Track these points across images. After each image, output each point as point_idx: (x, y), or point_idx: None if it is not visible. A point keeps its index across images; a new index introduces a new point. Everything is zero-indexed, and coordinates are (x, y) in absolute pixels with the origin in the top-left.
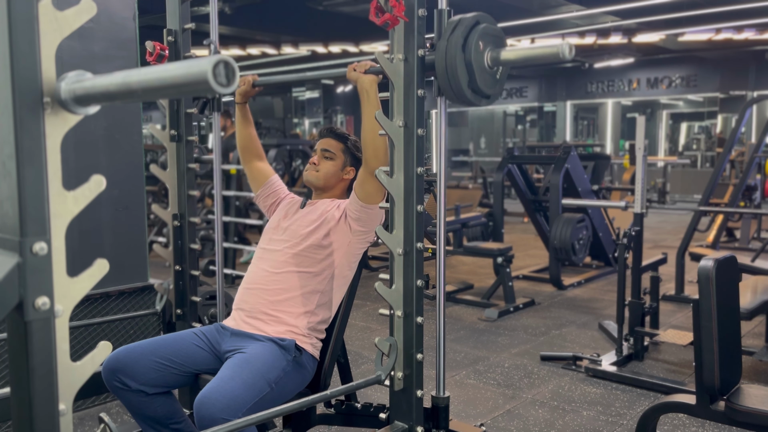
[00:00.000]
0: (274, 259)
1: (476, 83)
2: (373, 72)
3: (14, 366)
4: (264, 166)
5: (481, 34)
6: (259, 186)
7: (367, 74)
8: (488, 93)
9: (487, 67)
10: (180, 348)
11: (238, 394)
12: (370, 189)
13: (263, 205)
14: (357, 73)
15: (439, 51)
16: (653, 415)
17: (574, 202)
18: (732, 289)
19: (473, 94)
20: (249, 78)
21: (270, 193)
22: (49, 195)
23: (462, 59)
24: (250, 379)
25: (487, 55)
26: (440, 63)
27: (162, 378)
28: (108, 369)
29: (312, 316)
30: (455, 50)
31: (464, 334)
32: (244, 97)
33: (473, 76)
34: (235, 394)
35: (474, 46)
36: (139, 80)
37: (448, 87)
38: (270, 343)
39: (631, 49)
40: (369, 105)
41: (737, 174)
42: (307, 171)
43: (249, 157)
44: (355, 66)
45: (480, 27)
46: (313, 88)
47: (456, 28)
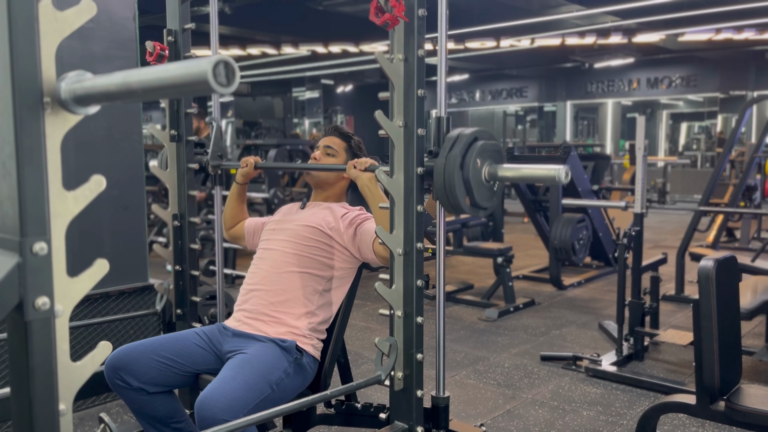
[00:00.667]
0: (275, 258)
1: (474, 198)
2: (372, 170)
3: (14, 366)
4: (239, 225)
5: (479, 152)
6: (243, 239)
7: (365, 172)
8: (485, 206)
9: (484, 181)
10: (181, 347)
11: (240, 395)
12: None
13: (254, 243)
14: (357, 171)
15: (438, 167)
16: (653, 415)
17: (574, 202)
18: (732, 289)
19: (470, 207)
20: (251, 160)
21: (253, 232)
22: (49, 195)
23: (460, 177)
24: (251, 380)
25: (484, 170)
26: (439, 179)
27: (163, 377)
28: (110, 367)
29: (313, 317)
30: (453, 168)
31: (464, 334)
32: (245, 178)
33: (471, 191)
34: (237, 395)
35: (472, 164)
36: (139, 80)
37: (445, 200)
38: (271, 344)
39: (631, 49)
40: (373, 198)
41: (737, 174)
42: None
43: (231, 227)
44: (355, 163)
45: (478, 144)
46: (313, 88)
47: (454, 145)
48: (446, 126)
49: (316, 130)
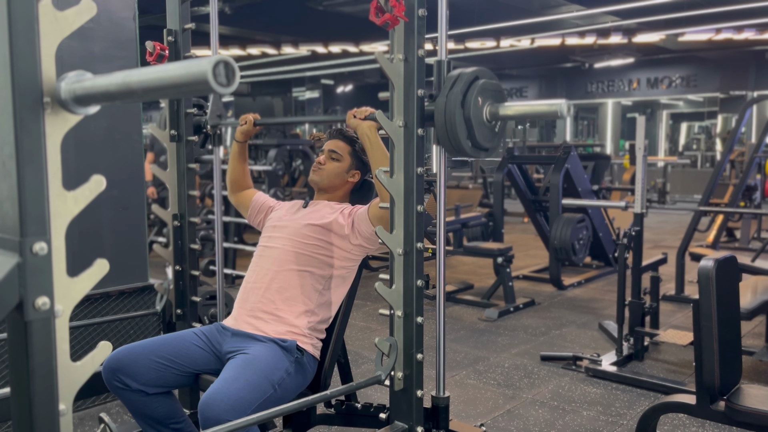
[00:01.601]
0: (275, 256)
1: (475, 138)
2: (371, 119)
3: (14, 366)
4: (246, 191)
5: (480, 90)
6: (247, 208)
7: (365, 121)
8: (487, 146)
9: (485, 121)
10: (180, 348)
11: (243, 395)
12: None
13: (255, 222)
14: (357, 120)
15: (438, 106)
16: (653, 415)
17: (574, 202)
18: (732, 289)
19: (472, 148)
20: (250, 117)
21: (258, 209)
22: (49, 195)
23: (461, 115)
24: (254, 380)
25: (486, 110)
26: (440, 118)
27: (162, 378)
28: (108, 369)
29: (312, 316)
30: (454, 107)
31: (464, 334)
32: (245, 136)
33: (472, 131)
34: (240, 396)
35: (473, 102)
36: (139, 80)
37: (446, 141)
38: (272, 344)
39: (631, 49)
40: (373, 148)
41: (737, 174)
42: (313, 170)
43: (236, 190)
44: (355, 112)
45: (479, 83)
46: (313, 88)
47: (455, 84)
48: (447, 69)
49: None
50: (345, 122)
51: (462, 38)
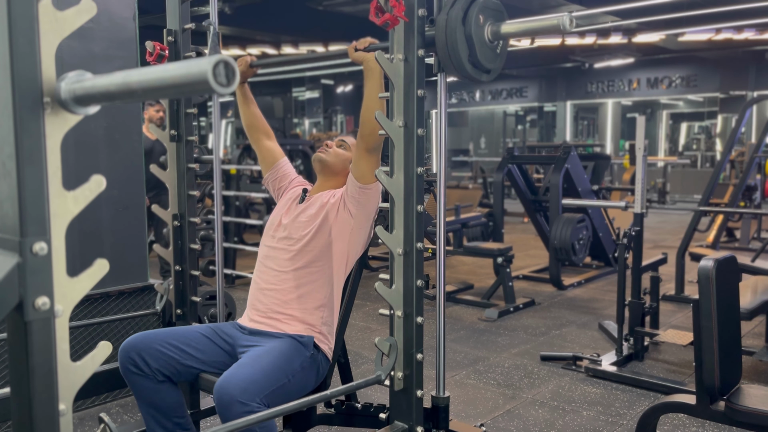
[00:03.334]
0: (280, 257)
1: (476, 57)
2: (374, 48)
3: (14, 366)
4: (273, 146)
5: (481, 8)
6: (269, 168)
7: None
8: (489, 67)
9: (487, 40)
10: (193, 338)
11: (256, 378)
12: (364, 167)
13: (272, 187)
14: (360, 53)
15: (439, 25)
16: (653, 415)
17: (574, 202)
18: (732, 289)
19: (473, 69)
20: (246, 59)
21: (279, 177)
22: (49, 195)
23: (462, 33)
24: (268, 366)
25: (487, 28)
26: (440, 37)
27: (169, 366)
28: (124, 350)
29: (325, 310)
30: (455, 24)
31: (464, 334)
32: (242, 77)
33: (473, 49)
34: (254, 378)
35: (474, 20)
36: (139, 80)
37: (448, 61)
38: (289, 339)
39: (631, 49)
40: (373, 82)
41: (737, 174)
42: (320, 150)
43: (257, 135)
44: (356, 45)
45: (480, 0)
46: (313, 88)
47: (456, 1)
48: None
49: (316, 130)
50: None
51: None
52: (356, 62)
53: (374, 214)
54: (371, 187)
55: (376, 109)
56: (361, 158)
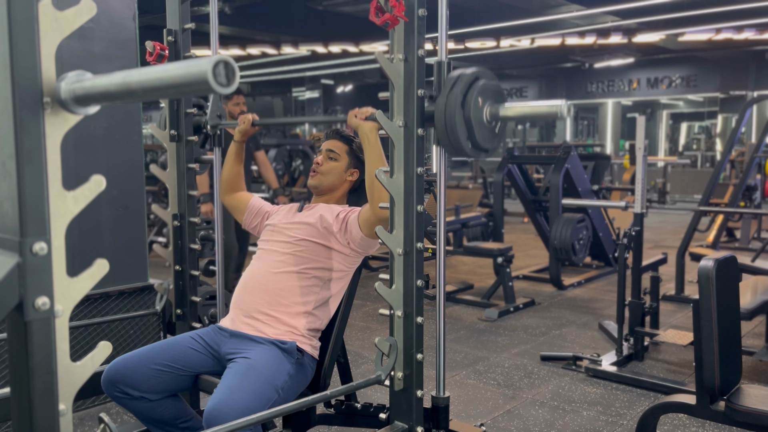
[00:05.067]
0: (273, 259)
1: (475, 138)
2: (372, 119)
3: (14, 366)
4: (241, 194)
5: (481, 91)
6: (242, 212)
7: (367, 121)
8: (487, 147)
9: (485, 122)
10: (177, 353)
11: (249, 405)
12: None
13: (251, 226)
14: (358, 120)
15: (439, 107)
16: (653, 415)
17: (574, 202)
18: (732, 289)
19: (472, 149)
20: (249, 117)
21: (255, 213)
22: (49, 195)
23: (461, 116)
24: (258, 387)
25: (486, 110)
26: (440, 118)
27: (162, 384)
28: (108, 381)
29: (310, 317)
30: (454, 108)
31: (464, 334)
32: (243, 135)
33: (472, 132)
34: (246, 405)
35: (473, 103)
36: (139, 80)
37: (447, 141)
38: (272, 346)
39: (631, 49)
40: (371, 150)
41: (737, 174)
42: (311, 174)
43: (229, 191)
44: (356, 112)
45: (479, 83)
46: (313, 88)
47: (455, 85)
48: (447, 70)
49: (316, 130)
50: (346, 122)
51: (462, 38)
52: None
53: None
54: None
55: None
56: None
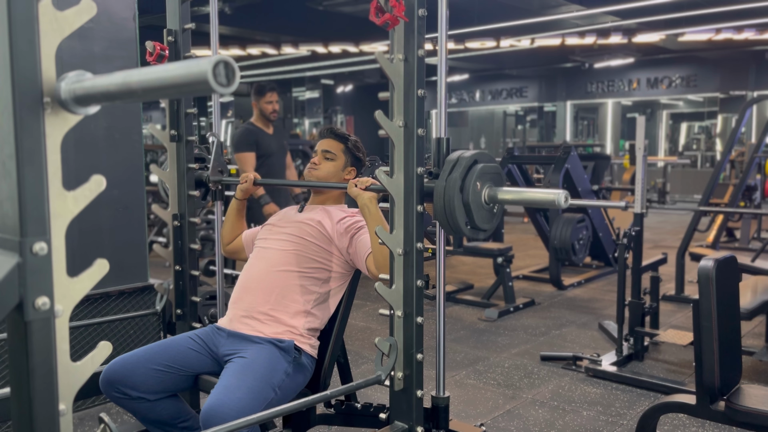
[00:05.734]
0: (271, 257)
1: (473, 221)
2: (373, 189)
3: (14, 366)
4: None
5: (479, 175)
6: (241, 250)
7: (367, 191)
8: (485, 228)
9: (483, 204)
10: (176, 353)
11: (246, 404)
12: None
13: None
14: (357, 189)
15: (438, 190)
16: (653, 415)
17: (574, 202)
18: (732, 289)
19: (470, 230)
20: (250, 176)
21: (251, 241)
22: (49, 195)
23: (460, 200)
24: (255, 386)
25: (484, 193)
26: (438, 201)
27: (161, 384)
28: (106, 381)
29: (309, 316)
30: (453, 192)
31: (464, 334)
32: (245, 194)
33: (471, 214)
34: (243, 405)
35: (472, 187)
36: (139, 80)
37: (446, 223)
38: (269, 345)
39: (631, 49)
40: (372, 220)
41: (737, 174)
42: (308, 171)
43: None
44: (356, 182)
45: (478, 167)
46: (313, 88)
47: (454, 168)
48: (446, 147)
49: (316, 130)
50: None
51: (462, 38)
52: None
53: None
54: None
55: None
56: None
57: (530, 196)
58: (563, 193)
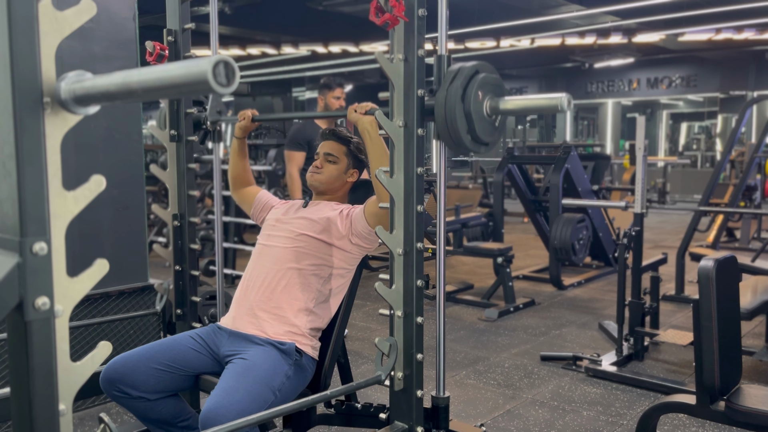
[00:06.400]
0: (274, 255)
1: (475, 132)
2: (372, 113)
3: (14, 366)
4: (249, 188)
5: (481, 84)
6: (250, 206)
7: (366, 115)
8: (487, 141)
9: (486, 115)
10: (177, 353)
11: (245, 407)
12: (379, 220)
13: (259, 219)
14: (357, 114)
15: (439, 100)
16: (653, 415)
17: (574, 202)
18: (732, 289)
19: (472, 142)
20: (248, 113)
21: (262, 207)
22: (49, 195)
23: (461, 110)
24: (254, 389)
25: (486, 104)
26: (440, 112)
27: (162, 383)
28: (106, 380)
29: (311, 315)
30: (454, 101)
31: (464, 334)
32: (243, 131)
33: (472, 125)
34: (241, 408)
35: (473, 97)
36: (139, 80)
37: (447, 135)
38: (270, 347)
39: (631, 49)
40: (372, 144)
41: (737, 174)
42: (311, 175)
43: (238, 187)
44: (356, 107)
45: (479, 77)
46: (313, 88)
47: (455, 78)
48: (447, 64)
49: None
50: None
51: (462, 38)
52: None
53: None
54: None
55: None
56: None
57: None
58: (566, 96)
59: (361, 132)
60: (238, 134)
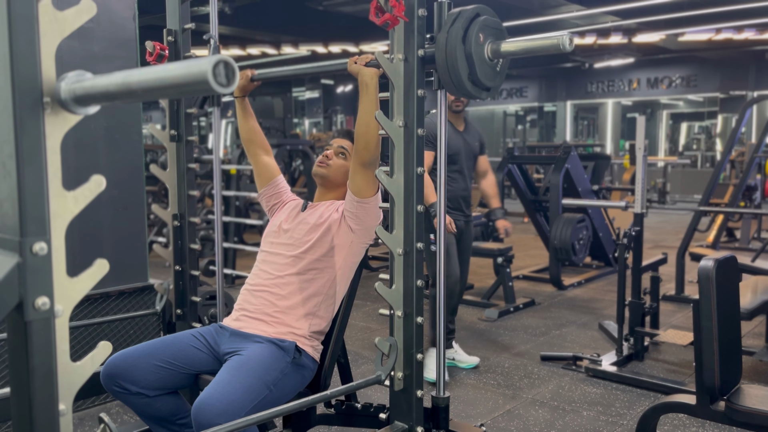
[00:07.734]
0: (277, 262)
1: (476, 75)
2: (373, 65)
3: (14, 366)
4: (270, 162)
5: (481, 26)
6: (264, 184)
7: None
8: (488, 85)
9: (487, 59)
10: (178, 350)
11: (236, 398)
12: (360, 182)
13: (266, 204)
14: (358, 65)
15: (439, 43)
16: (653, 415)
17: (574, 202)
18: (732, 289)
19: (473, 87)
20: (247, 72)
21: (274, 194)
22: (49, 195)
23: (462, 51)
24: (248, 382)
25: (487, 47)
26: (440, 55)
27: (162, 380)
28: (106, 375)
29: (314, 318)
30: (455, 42)
31: (464, 334)
32: (242, 91)
33: (473, 68)
34: (233, 399)
35: (474, 39)
36: (139, 80)
37: (448, 79)
38: (269, 344)
39: (631, 49)
40: (367, 97)
41: (737, 174)
42: (318, 164)
43: (254, 150)
44: (356, 59)
45: (480, 19)
46: (313, 88)
47: (456, 20)
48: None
49: (316, 130)
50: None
51: None
52: (352, 74)
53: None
54: (369, 201)
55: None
56: (356, 173)
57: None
58: (567, 35)
59: (360, 84)
60: (236, 94)
